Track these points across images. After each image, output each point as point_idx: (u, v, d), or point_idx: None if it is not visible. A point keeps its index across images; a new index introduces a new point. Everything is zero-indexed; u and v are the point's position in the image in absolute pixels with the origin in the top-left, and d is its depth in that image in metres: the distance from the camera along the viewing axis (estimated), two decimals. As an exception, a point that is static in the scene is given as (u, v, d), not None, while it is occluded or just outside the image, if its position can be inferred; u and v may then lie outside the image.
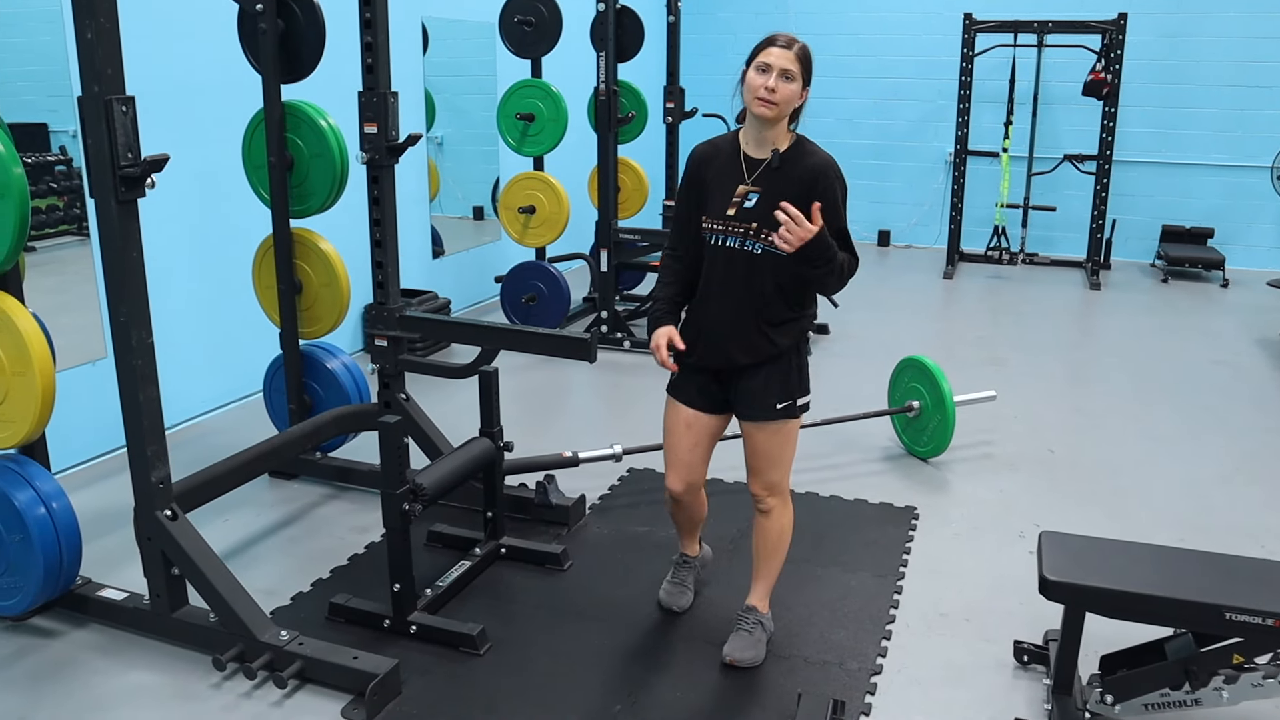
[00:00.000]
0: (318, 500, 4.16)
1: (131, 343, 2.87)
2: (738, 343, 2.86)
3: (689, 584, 3.37)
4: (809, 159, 2.80)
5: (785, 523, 3.06)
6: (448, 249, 7.09)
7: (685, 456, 3.04)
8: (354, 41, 3.71)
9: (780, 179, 2.78)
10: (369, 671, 2.80)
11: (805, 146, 2.84)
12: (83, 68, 2.68)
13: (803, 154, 2.82)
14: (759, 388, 2.89)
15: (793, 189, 2.75)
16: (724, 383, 2.96)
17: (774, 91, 2.70)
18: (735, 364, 2.89)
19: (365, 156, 3.76)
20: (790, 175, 2.78)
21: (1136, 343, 6.69)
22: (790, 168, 2.79)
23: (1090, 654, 2.77)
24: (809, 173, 2.77)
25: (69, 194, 4.52)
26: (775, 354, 2.87)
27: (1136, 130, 9.11)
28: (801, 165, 2.79)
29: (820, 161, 2.79)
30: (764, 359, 2.87)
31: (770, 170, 2.80)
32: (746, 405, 2.92)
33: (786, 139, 2.83)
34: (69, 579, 3.13)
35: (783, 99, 2.71)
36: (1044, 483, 4.37)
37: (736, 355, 2.87)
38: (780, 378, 2.89)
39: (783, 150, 2.80)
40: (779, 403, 2.89)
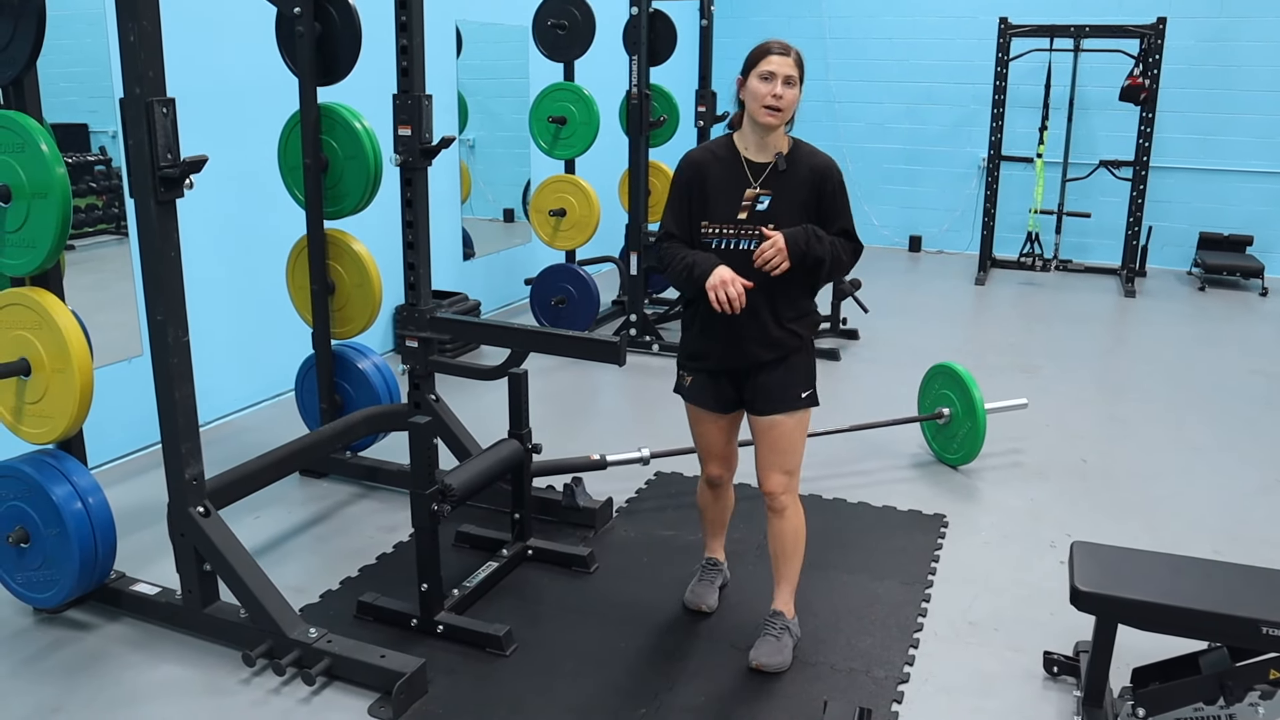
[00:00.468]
0: (347, 499, 4.19)
1: (167, 341, 2.90)
2: (760, 340, 2.92)
3: (716, 584, 3.39)
4: (812, 160, 2.92)
5: (799, 522, 3.09)
6: (478, 251, 7.12)
7: (719, 450, 3.17)
8: (389, 44, 3.73)
9: (788, 180, 2.88)
10: (396, 670, 2.82)
11: (805, 148, 2.95)
12: (125, 70, 2.72)
13: (805, 155, 2.92)
14: (780, 381, 2.95)
15: (802, 189, 2.88)
16: (739, 383, 3.01)
17: (780, 98, 2.80)
18: (758, 361, 2.94)
19: (399, 159, 3.78)
20: (797, 176, 2.88)
21: (1172, 351, 6.61)
22: (795, 169, 2.89)
23: (1122, 666, 2.74)
24: (815, 173, 2.89)
25: (108, 193, 4.58)
26: (798, 346, 2.96)
27: (1174, 136, 9.01)
28: (806, 166, 2.90)
29: (824, 162, 2.92)
30: (788, 352, 2.95)
31: (778, 173, 2.88)
32: (769, 399, 2.96)
33: (786, 142, 2.93)
34: (103, 573, 3.18)
35: (788, 105, 2.82)
36: (1076, 492, 4.33)
37: (760, 353, 2.92)
38: (802, 368, 2.99)
39: (786, 153, 2.90)
40: (803, 391, 2.98)
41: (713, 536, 3.40)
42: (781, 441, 2.98)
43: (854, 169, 10.15)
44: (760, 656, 3.02)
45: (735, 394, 3.02)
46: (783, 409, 2.95)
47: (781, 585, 3.13)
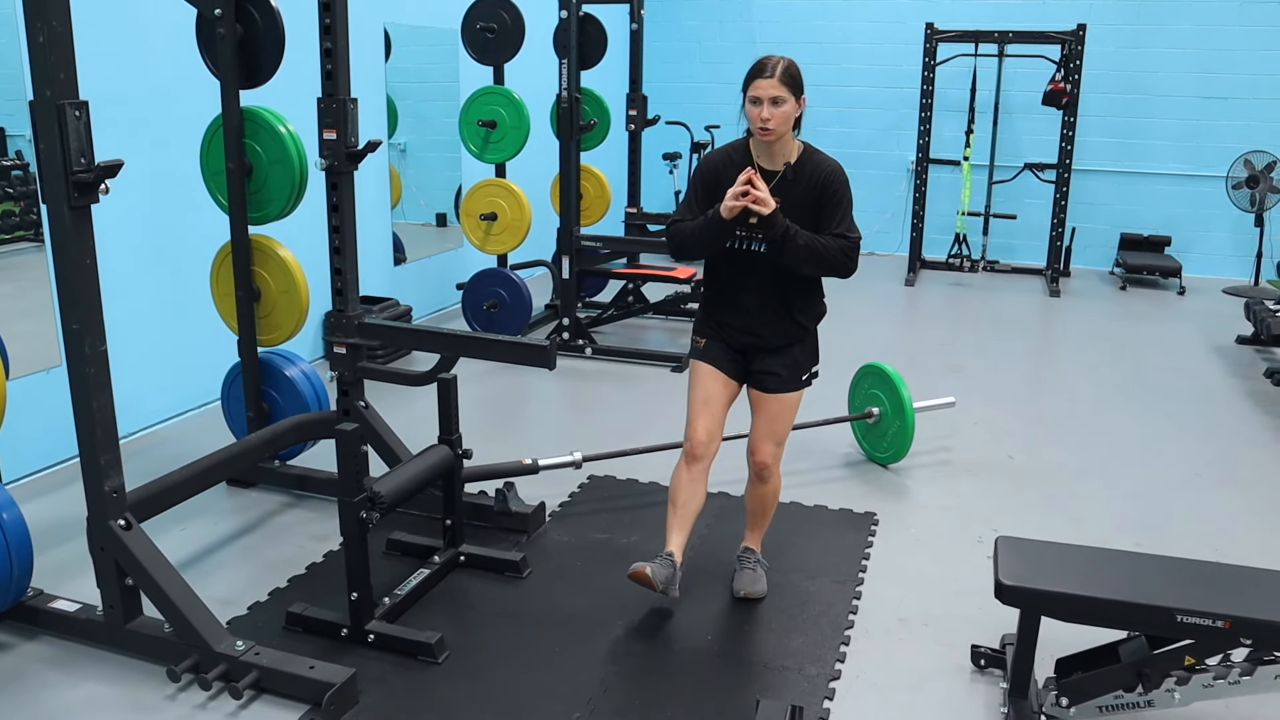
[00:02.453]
0: (276, 509, 4.12)
1: (84, 350, 2.83)
2: (771, 329, 3.24)
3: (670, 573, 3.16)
4: (819, 167, 3.13)
5: (779, 484, 3.45)
6: (410, 256, 7.06)
7: (715, 407, 3.30)
8: (314, 47, 3.69)
9: (796, 188, 3.11)
10: (326, 681, 2.78)
11: (814, 156, 3.16)
12: (35, 72, 2.64)
13: (813, 163, 3.14)
14: (787, 363, 3.27)
15: (808, 196, 3.11)
16: (749, 357, 3.31)
17: (769, 120, 3.02)
18: (768, 345, 3.26)
19: (324, 163, 3.73)
20: (803, 183, 3.11)
21: (1095, 349, 6.77)
22: (802, 176, 3.12)
23: (1046, 657, 2.79)
24: (821, 180, 3.11)
25: (25, 199, 4.46)
26: (803, 334, 3.29)
27: (1096, 139, 9.23)
28: (813, 173, 3.12)
29: (830, 169, 3.13)
30: (795, 339, 3.27)
31: (786, 181, 3.11)
32: (774, 378, 3.27)
33: (795, 149, 3.15)
34: (19, 590, 3.09)
35: (778, 123, 3.03)
36: (1002, 488, 4.42)
37: (770, 339, 3.25)
38: (807, 353, 3.32)
39: (794, 161, 3.13)
40: (804, 374, 3.33)
41: (676, 529, 3.25)
42: (781, 415, 3.31)
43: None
44: (745, 587, 3.42)
45: (743, 364, 3.31)
46: (788, 389, 3.28)
47: (754, 531, 3.53)
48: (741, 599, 3.41)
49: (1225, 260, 9.17)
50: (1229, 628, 2.45)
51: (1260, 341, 6.65)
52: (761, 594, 3.42)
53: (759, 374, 3.29)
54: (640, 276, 6.96)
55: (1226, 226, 9.08)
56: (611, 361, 6.25)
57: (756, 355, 3.29)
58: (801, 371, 3.31)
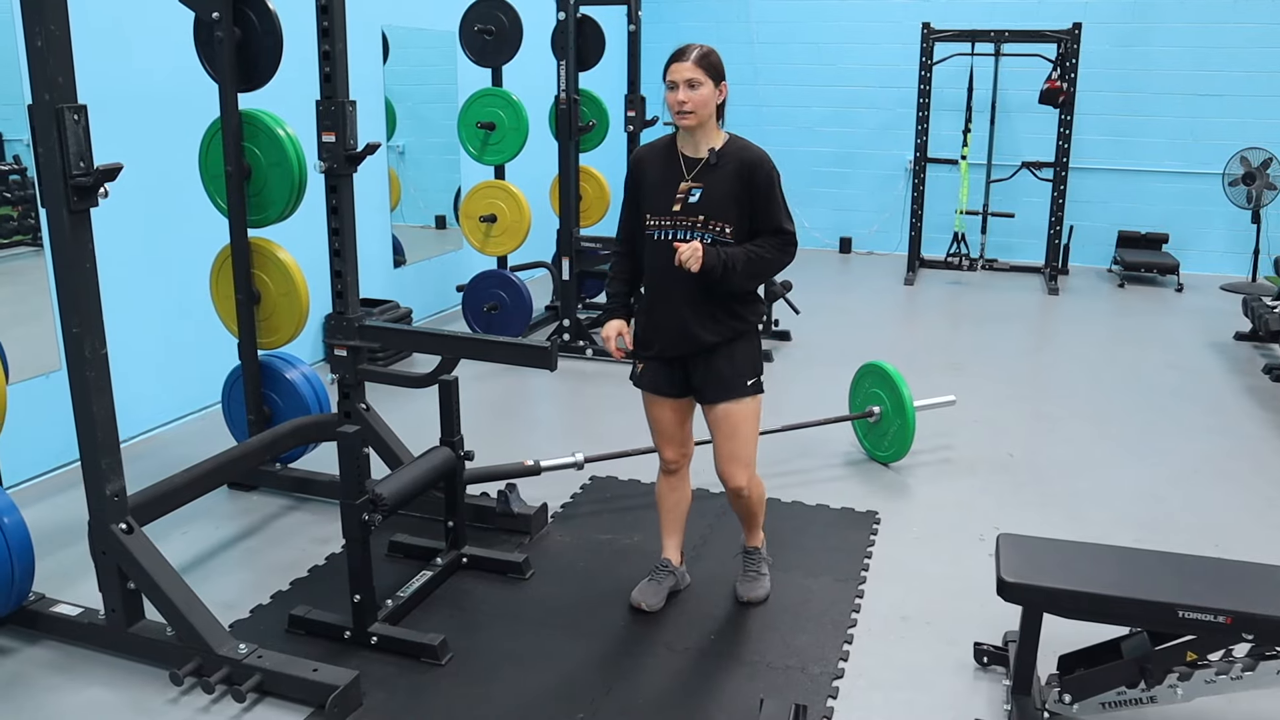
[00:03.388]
0: (277, 512, 4.12)
1: (84, 354, 2.83)
2: (704, 326, 3.05)
3: (665, 587, 3.40)
4: (743, 154, 3.04)
5: (759, 493, 3.32)
6: (409, 258, 7.06)
7: (673, 433, 3.27)
8: (312, 50, 3.68)
9: (719, 174, 3.02)
10: (329, 684, 2.78)
11: (738, 143, 3.08)
12: (33, 75, 2.64)
13: (737, 150, 3.05)
14: (728, 368, 3.08)
15: (730, 182, 3.00)
16: (688, 369, 3.14)
17: (685, 103, 2.96)
18: (703, 346, 3.07)
19: (323, 166, 3.73)
20: (727, 170, 3.01)
21: (1094, 347, 6.78)
22: (726, 162, 3.02)
23: (1049, 654, 2.79)
24: (744, 166, 3.01)
25: (23, 203, 4.46)
26: (744, 330, 3.10)
27: (1093, 138, 9.24)
28: (737, 159, 3.02)
29: (754, 156, 3.03)
30: (733, 336, 3.08)
31: (709, 167, 3.02)
32: (718, 387, 3.10)
33: (720, 138, 3.07)
34: (21, 595, 3.08)
35: (696, 105, 2.96)
36: (1003, 486, 4.42)
37: (704, 337, 3.06)
38: (748, 355, 3.12)
39: (719, 149, 3.03)
40: (749, 379, 3.11)
41: (667, 534, 3.43)
42: (736, 430, 3.12)
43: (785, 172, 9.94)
44: (746, 592, 3.38)
45: (685, 379, 3.16)
46: (731, 396, 3.09)
47: (750, 530, 3.44)
48: (745, 604, 3.39)
49: (1223, 257, 9.17)
50: (1231, 623, 2.45)
51: (1258, 338, 6.66)
52: (763, 598, 3.40)
53: (700, 387, 3.12)
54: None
55: (1223, 223, 9.09)
56: (612, 362, 6.24)
57: (695, 364, 3.10)
58: (744, 376, 3.08)
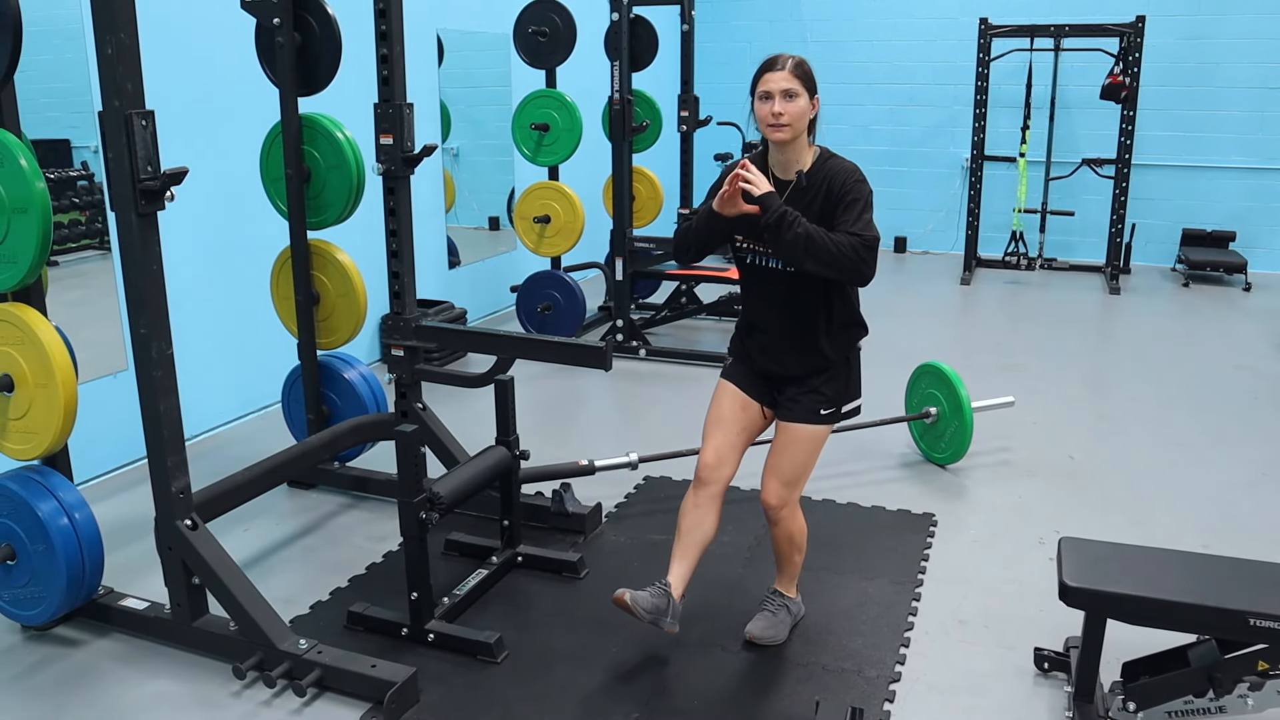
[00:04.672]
0: (336, 510, 4.18)
1: (151, 354, 2.89)
2: (792, 358, 2.98)
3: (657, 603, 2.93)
4: (833, 169, 2.87)
5: (794, 529, 3.10)
6: (464, 259, 7.12)
7: (728, 424, 3.05)
8: (370, 54, 3.73)
9: (808, 196, 2.85)
10: (387, 680, 2.81)
11: (830, 160, 2.90)
12: (103, 83, 2.71)
13: (827, 169, 2.87)
14: (808, 392, 2.98)
15: (818, 204, 2.83)
16: (776, 387, 3.06)
17: (781, 115, 2.78)
18: (790, 374, 3.01)
19: (381, 168, 3.78)
20: (816, 189, 2.85)
21: (1157, 347, 6.64)
22: (815, 183, 2.85)
23: (1112, 661, 2.74)
24: (832, 180, 2.84)
25: (91, 209, 4.57)
26: (826, 365, 2.97)
27: (1156, 133, 9.06)
28: (826, 177, 2.85)
29: (842, 168, 2.87)
30: (820, 369, 2.98)
31: (799, 190, 2.86)
32: (792, 408, 3.00)
33: (810, 155, 2.91)
34: (91, 588, 3.16)
35: (792, 118, 2.79)
36: (1063, 489, 4.35)
37: (792, 368, 2.99)
38: (834, 386, 3.00)
39: (808, 169, 2.87)
40: (824, 409, 2.99)
41: (677, 558, 3.00)
42: (789, 449, 2.99)
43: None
44: (754, 629, 3.15)
45: (770, 390, 3.07)
46: (802, 420, 2.98)
47: (780, 574, 3.23)
48: (747, 641, 3.14)
49: (1293, 255, 8.96)
50: (1304, 631, 2.39)
51: (1330, 338, 6.50)
52: (772, 640, 3.13)
53: (782, 404, 3.03)
54: (693, 278, 6.95)
55: (1293, 220, 8.88)
56: (665, 363, 6.25)
57: (782, 384, 3.03)
58: (823, 404, 2.96)
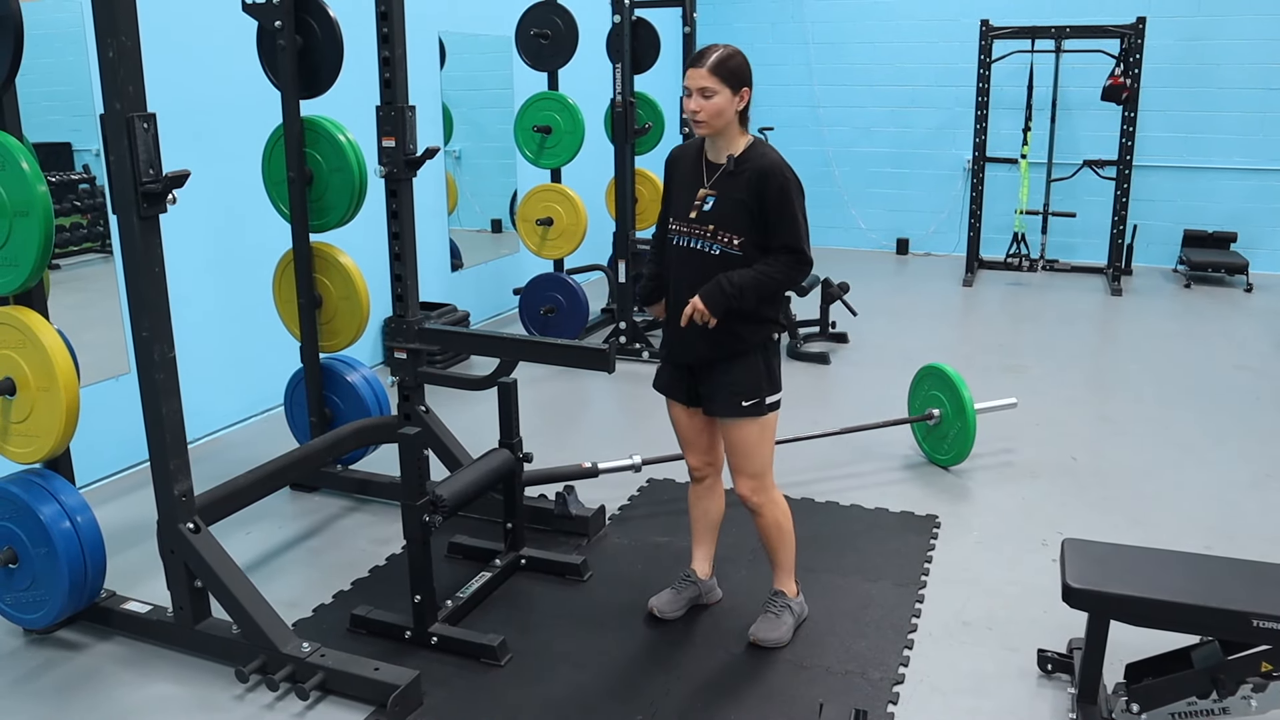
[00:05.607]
0: (338, 512, 4.18)
1: (154, 357, 2.89)
2: (702, 339, 2.96)
3: (685, 598, 3.34)
4: (760, 161, 2.89)
5: (777, 515, 3.15)
6: (466, 262, 7.12)
7: (692, 438, 3.21)
8: (372, 56, 3.73)
9: (733, 182, 2.90)
10: (390, 683, 2.81)
11: (759, 149, 2.94)
12: (105, 85, 2.71)
13: (755, 156, 2.91)
14: (725, 386, 2.99)
15: (743, 190, 2.88)
16: (697, 379, 3.07)
17: (698, 111, 2.86)
18: (702, 358, 3.01)
19: (383, 170, 3.78)
20: (741, 177, 2.89)
21: (1159, 348, 6.64)
22: (742, 170, 2.90)
23: (1115, 662, 2.74)
24: (757, 174, 2.87)
25: (92, 212, 4.57)
26: (742, 350, 2.97)
27: (1157, 134, 9.06)
28: (752, 167, 2.89)
29: (769, 163, 2.88)
30: (730, 355, 2.97)
31: (727, 175, 2.91)
32: (713, 403, 3.03)
33: (742, 142, 2.95)
34: (94, 592, 3.16)
35: (708, 116, 2.86)
36: (1066, 490, 4.34)
37: (703, 350, 2.99)
38: (746, 375, 2.98)
39: (738, 155, 2.92)
40: (745, 400, 2.98)
41: (695, 544, 3.38)
42: (738, 446, 3.05)
43: (840, 172, 10.19)
44: (757, 632, 3.15)
45: (695, 388, 3.09)
46: (727, 414, 3.01)
47: (775, 569, 3.24)
48: (751, 644, 3.15)
49: (1294, 256, 8.95)
50: (1308, 632, 2.39)
51: (1332, 339, 6.49)
52: (776, 643, 3.13)
53: (703, 397, 3.06)
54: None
55: (1295, 221, 8.87)
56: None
57: (698, 375, 3.05)
58: (741, 397, 2.96)
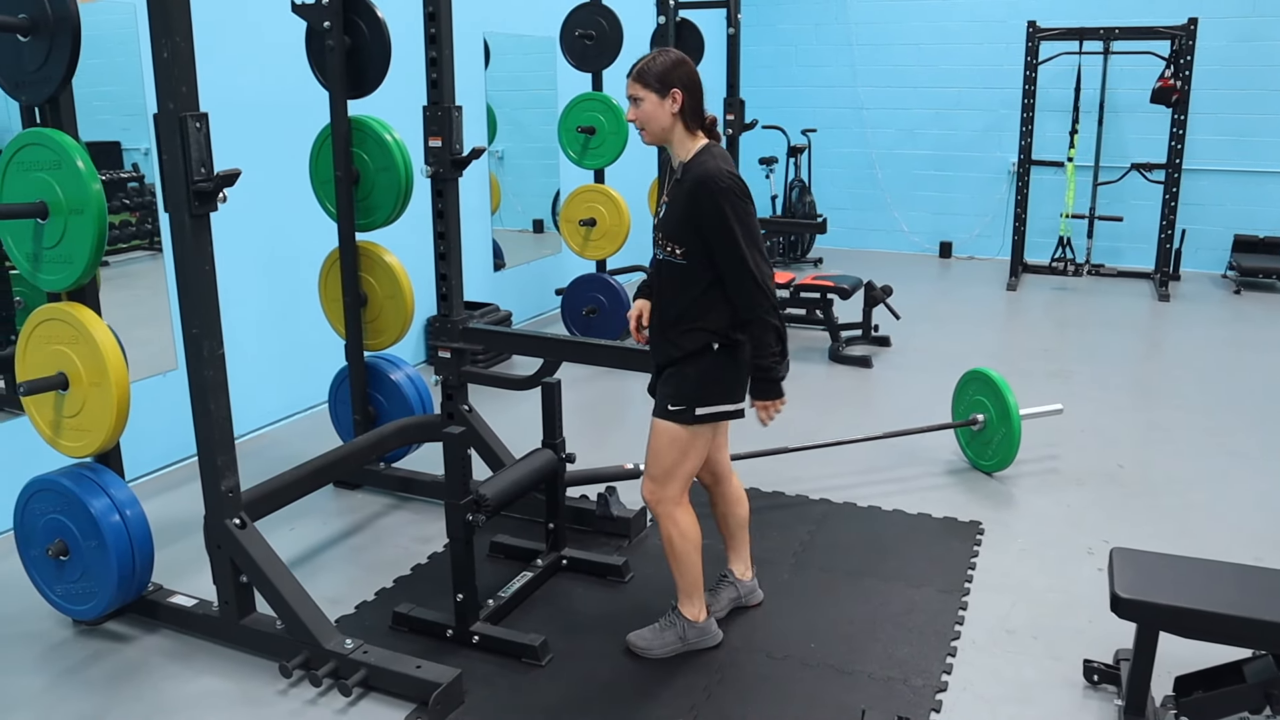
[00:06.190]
0: (381, 510, 4.21)
1: (203, 354, 2.93)
2: (658, 346, 2.99)
3: (725, 599, 3.32)
4: (697, 170, 2.80)
5: (671, 532, 3.03)
6: (508, 262, 7.15)
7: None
8: (419, 57, 3.76)
9: (679, 191, 2.84)
10: (432, 681, 2.82)
11: (701, 157, 2.84)
12: (159, 85, 2.75)
13: (695, 165, 2.82)
14: (663, 387, 2.96)
15: (683, 200, 2.81)
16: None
17: (635, 120, 2.87)
18: (658, 363, 3.02)
19: (430, 170, 3.80)
20: (684, 187, 2.82)
21: (1208, 356, 6.53)
22: (685, 178, 2.83)
23: (1163, 674, 2.70)
24: (693, 184, 2.78)
25: (141, 210, 4.63)
26: (678, 358, 2.91)
27: (1207, 138, 8.91)
28: (692, 176, 2.80)
29: (704, 172, 2.77)
30: (670, 361, 2.94)
31: (676, 182, 2.88)
32: (655, 402, 3.01)
33: (692, 148, 2.87)
34: (141, 585, 3.20)
35: (643, 122, 2.84)
36: (1113, 498, 4.28)
37: (657, 356, 3.01)
38: (681, 382, 2.91)
39: (687, 161, 2.86)
40: (671, 405, 2.92)
41: (729, 545, 3.37)
42: (650, 443, 3.00)
43: (883, 175, 10.13)
44: (632, 635, 3.14)
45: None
46: (655, 412, 2.97)
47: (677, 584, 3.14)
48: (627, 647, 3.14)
49: (1349, 262, 8.76)
50: (1365, 647, 2.34)
51: (1388, 347, 6.35)
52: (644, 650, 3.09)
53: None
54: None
55: (1350, 227, 8.69)
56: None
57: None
58: (670, 400, 2.91)
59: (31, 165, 2.85)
